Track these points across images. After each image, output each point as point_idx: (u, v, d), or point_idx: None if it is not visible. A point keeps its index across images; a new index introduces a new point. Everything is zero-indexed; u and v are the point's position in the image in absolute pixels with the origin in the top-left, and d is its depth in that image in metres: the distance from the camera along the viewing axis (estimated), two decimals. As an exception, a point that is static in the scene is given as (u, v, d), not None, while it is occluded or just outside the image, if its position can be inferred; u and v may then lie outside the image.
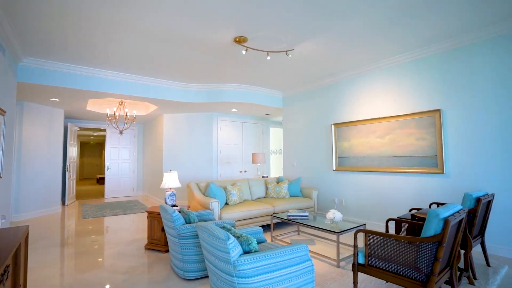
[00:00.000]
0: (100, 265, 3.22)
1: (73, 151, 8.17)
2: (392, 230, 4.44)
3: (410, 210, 3.61)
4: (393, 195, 4.55)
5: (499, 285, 2.65)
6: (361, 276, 2.84)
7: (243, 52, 3.84)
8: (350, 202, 5.17)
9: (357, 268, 2.32)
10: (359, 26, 3.43)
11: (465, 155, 3.78)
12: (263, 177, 6.05)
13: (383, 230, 4.50)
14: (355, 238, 2.34)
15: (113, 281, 2.79)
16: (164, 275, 2.93)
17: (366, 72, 4.97)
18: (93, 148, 18.52)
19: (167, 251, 3.59)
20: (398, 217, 2.97)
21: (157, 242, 3.64)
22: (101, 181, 13.93)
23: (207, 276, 2.86)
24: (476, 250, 3.62)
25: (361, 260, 2.31)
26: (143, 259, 3.39)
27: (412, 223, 2.80)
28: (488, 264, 3.08)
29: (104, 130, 10.52)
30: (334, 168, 5.43)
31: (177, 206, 3.85)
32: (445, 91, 4.00)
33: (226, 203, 4.49)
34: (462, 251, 3.39)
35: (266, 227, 4.91)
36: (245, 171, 7.81)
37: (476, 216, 2.77)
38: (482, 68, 3.65)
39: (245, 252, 1.98)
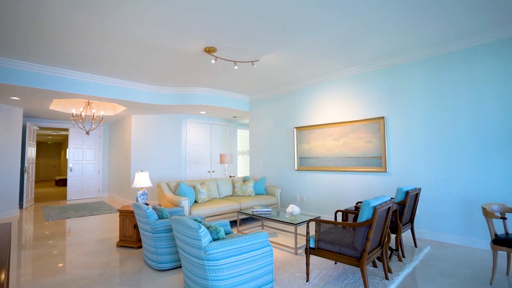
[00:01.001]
0: (73, 263, 3.34)
1: (31, 152, 7.83)
2: (340, 220, 5.04)
3: (357, 203, 4.19)
4: (346, 191, 5.15)
5: (420, 261, 3.28)
6: (313, 259, 3.32)
7: (213, 61, 4.16)
8: (310, 199, 5.72)
9: (309, 251, 2.77)
10: (315, 44, 3.93)
11: (403, 156, 4.46)
12: (230, 176, 6.39)
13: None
14: (307, 226, 2.80)
15: (88, 276, 2.96)
16: (138, 268, 3.16)
17: (324, 81, 5.54)
18: (50, 149, 17.46)
19: (140, 247, 3.79)
20: (345, 209, 3.50)
21: (129, 239, 3.83)
22: (60, 183, 13.27)
23: (179, 267, 3.15)
24: (408, 234, 4.31)
25: (312, 244, 2.77)
26: (116, 255, 3.57)
27: (354, 213, 3.34)
28: (415, 245, 3.73)
29: (65, 129, 10.14)
30: (296, 168, 5.95)
31: (148, 205, 4.06)
32: (388, 101, 4.66)
33: (196, 201, 4.77)
34: (394, 235, 4.03)
35: (233, 223, 5.26)
36: (213, 171, 8.08)
37: (405, 206, 3.38)
38: (416, 83, 4.35)
39: (214, 240, 2.33)
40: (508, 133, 3.55)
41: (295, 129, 6.02)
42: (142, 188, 4.12)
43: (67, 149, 14.66)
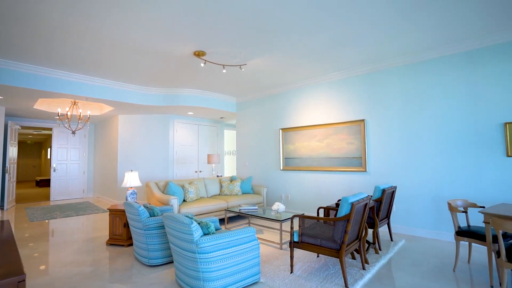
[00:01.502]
0: (63, 261, 3.40)
1: (13, 152, 7.67)
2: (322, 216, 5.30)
3: (338, 201, 4.45)
4: (328, 190, 5.42)
5: (395, 253, 3.56)
6: (297, 252, 3.53)
7: (202, 65, 4.31)
8: (295, 197, 5.96)
9: (293, 245, 2.98)
10: (300, 50, 4.15)
11: (381, 157, 4.76)
12: (217, 176, 6.54)
13: (320, 219, 5.33)
14: (292, 222, 3.00)
15: (80, 273, 3.05)
16: (129, 264, 3.27)
17: (309, 85, 5.80)
18: (30, 148, 16.95)
19: (130, 245, 3.89)
20: (327, 206, 3.74)
21: (119, 237, 3.92)
22: (42, 183, 12.94)
23: (170, 262, 3.28)
24: (385, 229, 4.61)
25: (296, 238, 2.98)
26: (106, 253, 3.65)
27: (335, 209, 3.58)
28: (391, 239, 4.03)
29: (48, 129, 9.95)
30: (281, 168, 6.17)
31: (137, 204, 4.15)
32: (368, 104, 4.96)
33: (184, 200, 4.90)
34: (372, 230, 4.31)
35: (221, 221, 5.42)
36: (200, 171, 8.19)
37: (382, 203, 3.66)
38: (393, 89, 4.66)
39: (205, 234, 2.49)
40: (471, 137, 3.91)
41: (280, 130, 6.25)
42: (131, 187, 4.21)
43: (49, 149, 14.30)
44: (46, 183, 12.95)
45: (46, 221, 5.66)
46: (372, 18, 3.25)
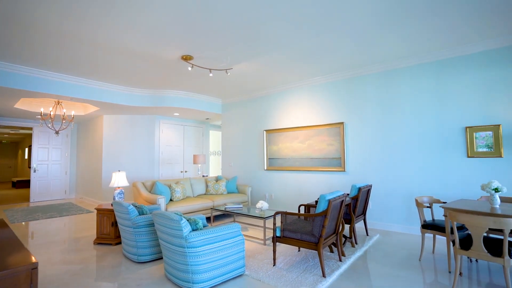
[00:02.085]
0: (52, 261, 3.46)
1: (-8, 152, 7.47)
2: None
3: (318, 199, 4.73)
4: (310, 188, 5.70)
5: (370, 246, 3.87)
6: (280, 248, 3.76)
7: (189, 68, 4.46)
8: (278, 196, 6.20)
9: (275, 239, 3.20)
10: (283, 56, 4.39)
11: (358, 158, 5.08)
12: (203, 176, 6.68)
13: (302, 217, 5.61)
14: (274, 218, 3.23)
15: (69, 271, 3.13)
16: (118, 261, 3.38)
17: (292, 88, 6.06)
18: (5, 148, 16.32)
19: (117, 243, 3.98)
20: (307, 203, 4.00)
21: (107, 236, 4.00)
22: (19, 184, 12.54)
23: (159, 259, 3.42)
24: (361, 225, 4.93)
25: (278, 234, 3.20)
26: (95, 252, 3.74)
27: (315, 206, 3.84)
28: (367, 234, 4.34)
29: (27, 128, 9.70)
30: (265, 168, 6.40)
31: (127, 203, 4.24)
32: (347, 108, 5.27)
33: (171, 200, 5.02)
34: (349, 225, 4.62)
35: (207, 219, 5.57)
36: (185, 171, 8.29)
37: (358, 200, 3.95)
38: (370, 93, 4.99)
39: (193, 230, 2.66)
40: (438, 139, 4.28)
41: (265, 131, 6.47)
42: (119, 187, 4.29)
43: (26, 149, 13.83)
44: (24, 184, 12.56)
45: (29, 222, 5.61)
46: (349, 30, 3.53)
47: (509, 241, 2.53)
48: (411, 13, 3.14)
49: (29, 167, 13.22)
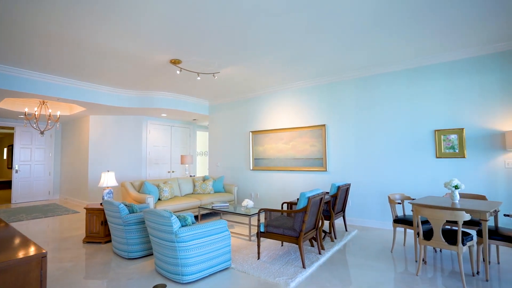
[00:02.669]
0: (42, 258, 3.54)
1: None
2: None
3: (301, 197, 5.00)
4: (293, 187, 5.96)
5: (348, 240, 4.16)
6: (264, 243, 3.99)
7: (178, 72, 4.61)
8: (263, 195, 6.44)
9: (259, 234, 3.42)
10: (268, 61, 4.62)
11: (339, 158, 5.39)
12: (190, 176, 6.82)
13: (286, 215, 5.86)
14: (258, 215, 3.45)
15: (61, 268, 3.24)
16: (109, 259, 3.51)
17: (277, 91, 6.31)
18: (-17, 148, 15.72)
19: (107, 242, 4.09)
20: (289, 201, 4.25)
21: (96, 235, 4.10)
22: (-1, 185, 12.20)
23: (149, 255, 3.57)
24: (341, 221, 5.24)
25: (262, 229, 3.43)
26: (84, 250, 3.84)
27: (296, 204, 4.09)
28: (346, 230, 4.64)
29: (7, 128, 9.49)
30: (251, 168, 6.63)
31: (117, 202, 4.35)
32: (328, 111, 5.57)
33: (159, 199, 5.15)
34: (329, 221, 4.91)
35: (194, 218, 5.72)
36: (173, 171, 8.39)
37: (337, 198, 4.23)
38: (350, 98, 5.31)
39: (183, 226, 2.85)
40: (410, 141, 4.64)
41: (251, 133, 6.70)
42: (108, 187, 4.40)
43: (5, 149, 13.42)
44: (3, 185, 12.23)
45: (12, 223, 5.58)
46: (331, 39, 3.81)
47: (462, 232, 2.86)
48: (385, 26, 3.45)
49: (9, 168, 12.86)
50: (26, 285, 1.33)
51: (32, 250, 1.43)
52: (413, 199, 3.70)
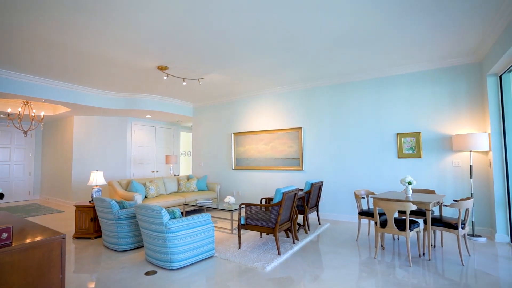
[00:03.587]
0: (34, 252, 3.75)
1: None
2: (271, 211, 6.28)
3: (279, 194, 5.43)
4: (273, 185, 6.40)
5: (320, 232, 4.64)
6: (245, 235, 4.38)
7: (165, 77, 4.92)
8: (244, 193, 6.83)
9: (240, 226, 3.81)
10: (248, 68, 5.02)
11: (314, 158, 5.88)
12: (175, 175, 7.09)
13: (266, 211, 6.28)
14: (239, 208, 3.85)
15: (54, 259, 3.48)
16: (100, 252, 3.77)
17: (257, 95, 6.73)
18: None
19: (96, 237, 4.33)
20: (268, 197, 4.67)
21: (86, 231, 4.33)
22: (-28, 186, 11.80)
23: (139, 247, 3.86)
24: (315, 215, 5.73)
25: (242, 221, 3.82)
26: (75, 245, 4.07)
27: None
28: (319, 223, 5.12)
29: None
30: (233, 167, 7.00)
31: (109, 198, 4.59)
32: (304, 115, 6.05)
33: (146, 197, 5.42)
34: (303, 215, 5.38)
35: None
36: (157, 171, 8.60)
37: (311, 194, 4.70)
38: (324, 103, 5.81)
39: (171, 219, 3.18)
40: (377, 143, 5.20)
41: (233, 134, 7.07)
42: (97, 185, 4.63)
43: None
44: (-23, 185, 11.85)
45: (-3, 222, 5.63)
46: (306, 51, 4.26)
47: (411, 220, 3.39)
48: (354, 40, 3.94)
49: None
50: (51, 260, 1.65)
51: (53, 233, 1.75)
52: (375, 194, 4.22)
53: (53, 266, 1.66)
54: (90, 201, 4.55)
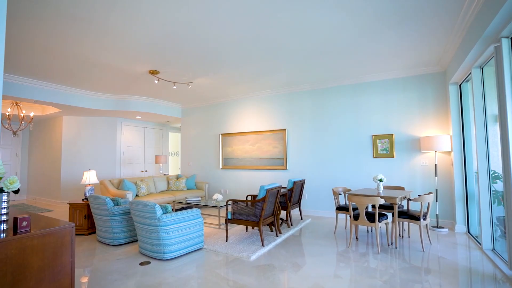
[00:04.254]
0: (30, 247, 3.93)
1: None
2: (257, 208, 6.61)
3: (265, 192, 5.77)
4: (259, 184, 6.74)
5: (302, 227, 5.01)
6: (232, 229, 4.70)
7: (156, 81, 5.16)
8: (231, 191, 7.14)
9: (227, 221, 4.13)
10: (236, 74, 5.34)
11: (297, 158, 6.26)
12: (164, 174, 7.32)
13: (252, 208, 6.60)
14: (227, 204, 4.16)
15: (51, 253, 3.68)
16: (95, 246, 4.00)
17: (244, 98, 7.05)
18: None
19: (90, 233, 4.54)
20: (253, 194, 5.00)
21: (80, 227, 4.53)
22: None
23: (132, 242, 4.10)
24: (297, 211, 6.10)
25: (229, 216, 4.14)
26: (69, 240, 4.26)
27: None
28: (301, 218, 5.50)
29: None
30: (220, 167, 7.30)
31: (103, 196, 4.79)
32: (288, 117, 6.42)
33: (137, 195, 5.64)
34: (285, 211, 5.73)
35: (168, 213, 6.28)
36: (146, 171, 8.78)
37: (293, 191, 5.07)
38: (307, 106, 6.20)
39: (164, 213, 3.46)
40: (355, 144, 5.63)
41: (220, 135, 7.36)
42: (90, 184, 4.83)
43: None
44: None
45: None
46: (289, 59, 4.62)
47: (380, 213, 3.80)
48: (331, 50, 4.32)
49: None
50: (63, 245, 1.92)
51: (63, 223, 2.02)
52: (352, 191, 4.62)
53: (65, 250, 1.93)
54: (83, 199, 4.74)
